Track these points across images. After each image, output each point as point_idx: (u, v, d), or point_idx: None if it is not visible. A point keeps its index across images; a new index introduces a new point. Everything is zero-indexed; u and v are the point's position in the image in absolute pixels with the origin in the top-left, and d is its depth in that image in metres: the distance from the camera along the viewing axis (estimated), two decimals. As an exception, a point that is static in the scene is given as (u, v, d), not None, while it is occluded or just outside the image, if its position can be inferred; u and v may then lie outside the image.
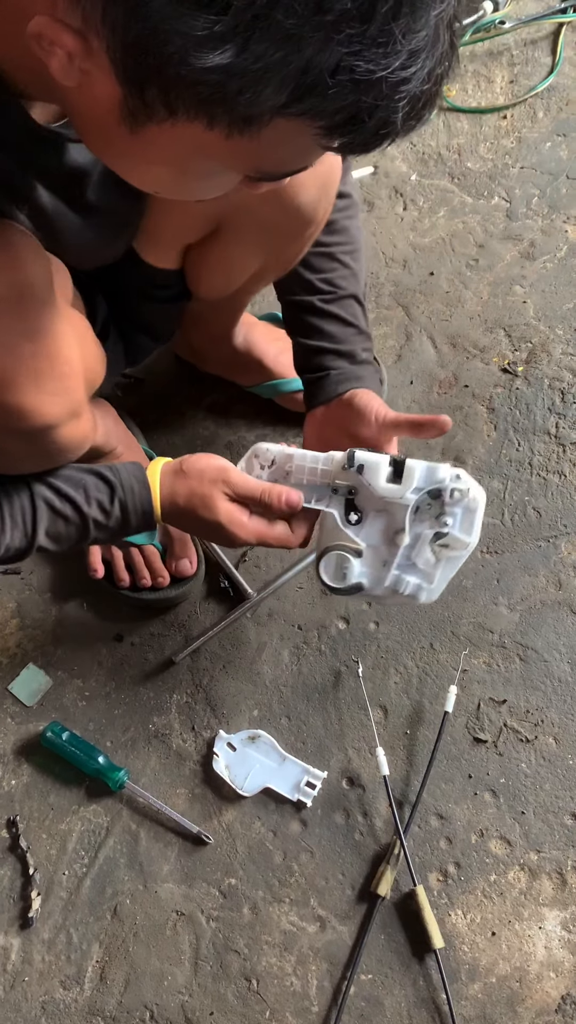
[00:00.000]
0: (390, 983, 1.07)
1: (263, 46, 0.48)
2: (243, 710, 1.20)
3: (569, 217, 1.48)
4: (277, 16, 0.46)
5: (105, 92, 0.54)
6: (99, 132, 0.61)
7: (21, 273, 0.73)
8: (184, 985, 1.09)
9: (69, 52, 0.52)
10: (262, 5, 0.46)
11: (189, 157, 0.59)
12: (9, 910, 1.13)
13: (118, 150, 0.62)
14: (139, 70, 0.52)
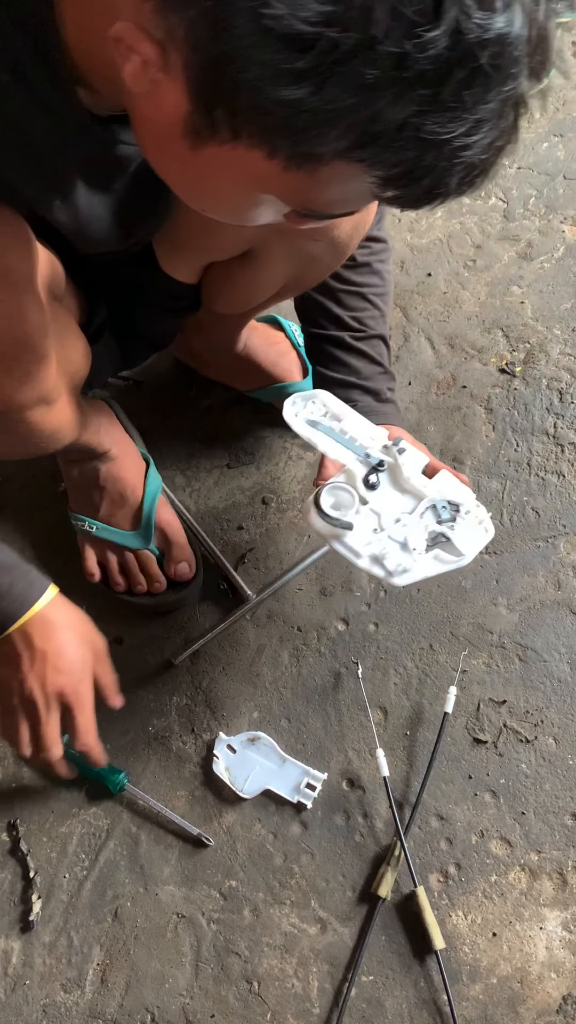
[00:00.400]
0: (391, 984, 1.07)
1: (338, 90, 0.49)
2: (243, 712, 1.20)
3: (566, 217, 1.48)
4: (357, 65, 0.47)
5: (172, 104, 0.55)
6: (158, 141, 0.61)
7: (2, 258, 0.73)
8: (185, 987, 1.09)
9: (145, 60, 0.53)
10: (345, 51, 0.47)
11: (243, 183, 0.60)
12: (10, 913, 1.13)
13: (174, 162, 0.63)
14: (212, 90, 0.53)
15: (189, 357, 1.38)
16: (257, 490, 1.34)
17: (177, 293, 1.07)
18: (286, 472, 1.34)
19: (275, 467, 1.35)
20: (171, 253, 1.01)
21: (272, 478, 1.34)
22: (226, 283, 1.08)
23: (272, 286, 1.09)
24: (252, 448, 1.36)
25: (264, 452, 1.36)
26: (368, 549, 0.92)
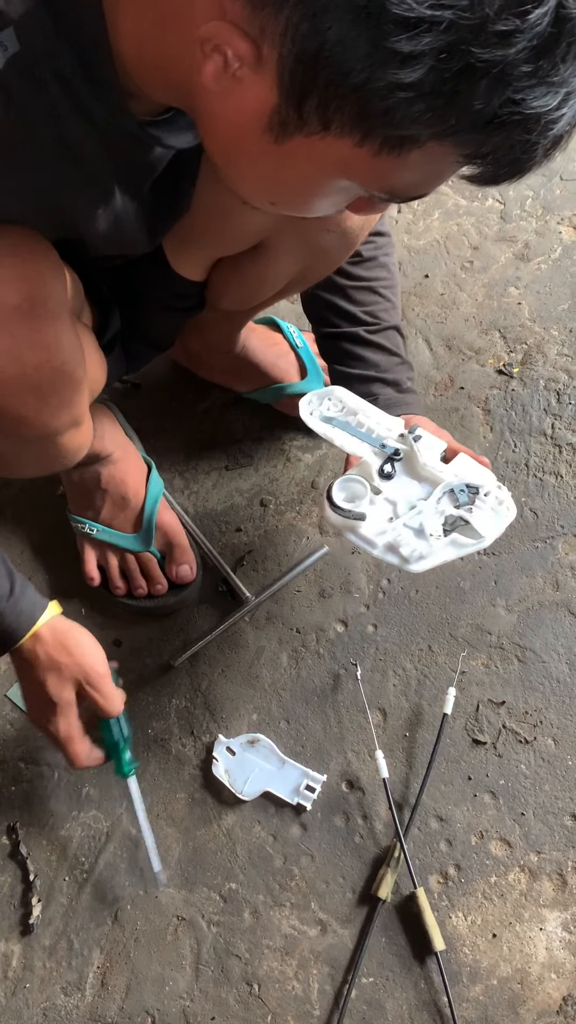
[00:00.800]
0: (391, 986, 1.07)
1: (446, 72, 0.50)
2: (242, 714, 1.20)
3: (563, 218, 1.49)
4: (468, 45, 0.48)
5: (257, 100, 0.56)
6: (233, 139, 0.62)
7: (37, 286, 0.73)
8: (185, 990, 1.09)
9: (236, 57, 0.54)
10: (458, 32, 0.48)
11: (326, 171, 0.61)
12: (10, 916, 1.13)
13: (249, 158, 0.63)
14: (307, 81, 0.53)
15: (187, 359, 1.38)
16: (255, 492, 1.34)
17: (184, 291, 1.08)
18: (284, 474, 1.34)
19: (273, 469, 1.35)
20: (181, 250, 1.01)
21: (270, 480, 1.34)
22: (234, 278, 1.08)
23: (280, 280, 1.09)
24: (250, 450, 1.36)
25: (262, 454, 1.36)
26: (383, 538, 0.91)
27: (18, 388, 0.76)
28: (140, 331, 1.14)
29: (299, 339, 1.37)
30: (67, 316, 0.79)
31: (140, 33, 0.59)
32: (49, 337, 0.76)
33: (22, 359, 0.75)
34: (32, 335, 0.75)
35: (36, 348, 0.75)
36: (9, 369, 0.74)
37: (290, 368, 1.35)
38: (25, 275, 0.72)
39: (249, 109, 0.57)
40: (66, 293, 0.79)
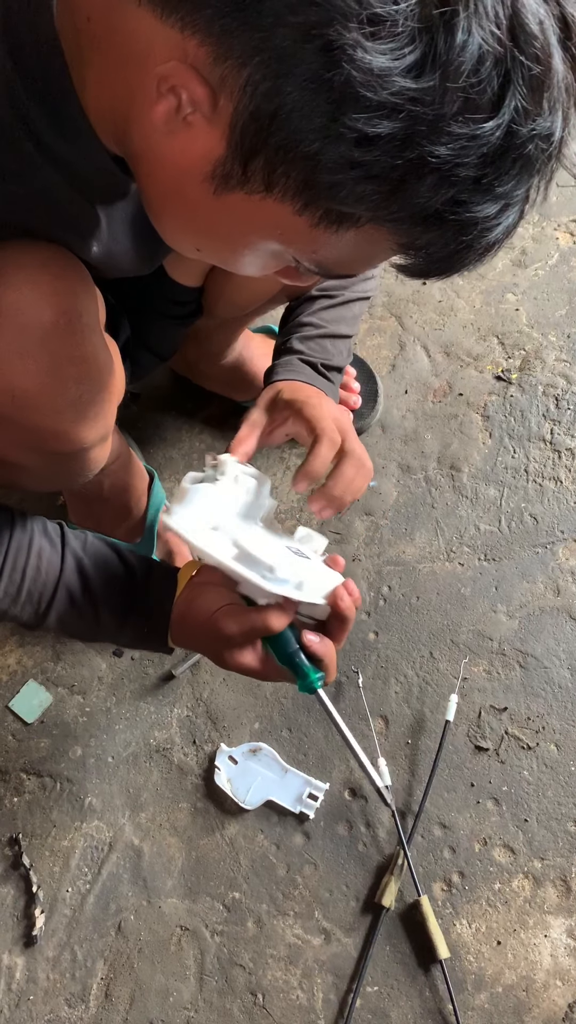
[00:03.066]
0: (396, 995, 1.07)
1: (396, 160, 0.50)
2: (244, 723, 1.20)
3: (559, 224, 1.49)
4: (421, 141, 0.49)
5: (204, 148, 0.55)
6: (172, 182, 0.61)
7: (72, 301, 0.74)
8: (190, 1001, 1.08)
9: (191, 101, 0.53)
10: (416, 127, 0.49)
11: (260, 232, 0.61)
12: (13, 928, 1.13)
13: (186, 205, 0.62)
14: (257, 140, 0.53)
15: (185, 368, 1.39)
16: (255, 500, 1.34)
17: (182, 298, 1.08)
18: (284, 482, 1.34)
19: (273, 477, 1.35)
20: (177, 258, 1.01)
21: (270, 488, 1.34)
22: (228, 284, 1.08)
23: (273, 285, 1.09)
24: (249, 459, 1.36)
25: (262, 463, 1.36)
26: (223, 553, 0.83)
27: (58, 404, 0.76)
28: (142, 340, 1.14)
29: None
30: (99, 328, 0.80)
31: (102, 81, 0.59)
32: (87, 351, 0.77)
33: (63, 375, 0.75)
34: (71, 350, 0.75)
35: (74, 363, 0.76)
36: (50, 385, 0.74)
37: (287, 377, 1.35)
38: (59, 291, 0.73)
39: (194, 155, 0.56)
40: (98, 308, 0.79)
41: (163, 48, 0.53)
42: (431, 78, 0.47)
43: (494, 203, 0.53)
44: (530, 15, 0.48)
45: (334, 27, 0.46)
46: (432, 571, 1.26)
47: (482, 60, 0.47)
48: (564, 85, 0.50)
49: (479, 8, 0.47)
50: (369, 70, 0.47)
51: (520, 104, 0.49)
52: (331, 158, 0.51)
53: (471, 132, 0.49)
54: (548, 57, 0.49)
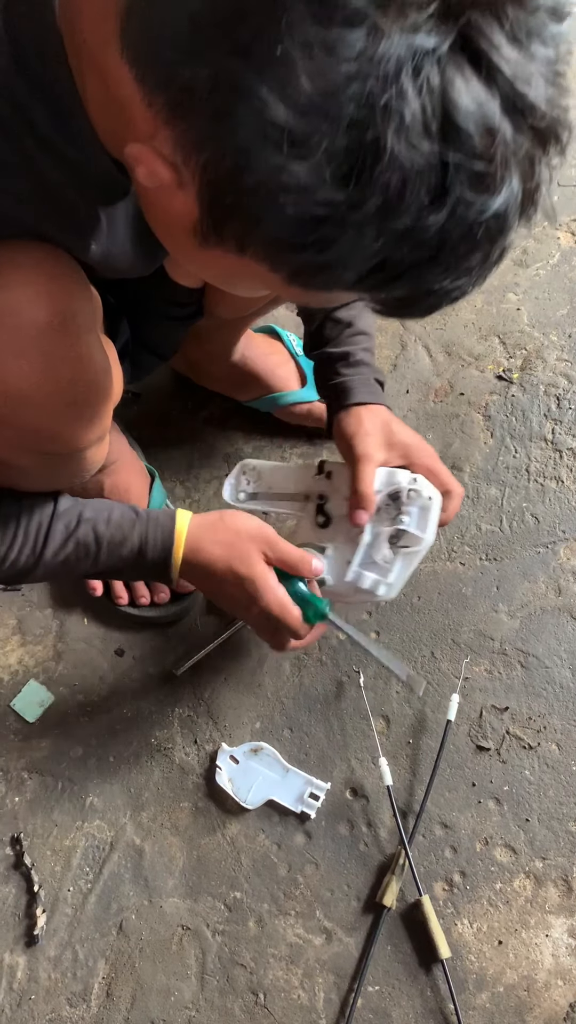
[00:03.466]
0: (397, 994, 1.07)
1: (347, 246, 0.52)
2: (245, 722, 1.20)
3: (561, 224, 1.49)
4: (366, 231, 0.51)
5: (182, 209, 0.57)
6: (162, 225, 0.64)
7: (68, 302, 0.74)
8: (191, 1000, 1.08)
9: (159, 177, 0.55)
10: (356, 221, 0.50)
11: (245, 279, 0.63)
12: (15, 928, 1.13)
13: (176, 246, 0.65)
14: (222, 216, 0.55)
15: (187, 368, 1.39)
16: (256, 500, 1.34)
17: (182, 299, 1.08)
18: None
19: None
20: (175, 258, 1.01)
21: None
22: None
23: None
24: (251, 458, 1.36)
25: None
26: (347, 585, 1.00)
27: (54, 404, 0.77)
28: (143, 341, 1.14)
29: (298, 347, 1.38)
30: (95, 329, 0.80)
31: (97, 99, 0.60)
32: (82, 351, 0.77)
33: (57, 375, 0.75)
34: (65, 351, 0.75)
35: (69, 364, 0.76)
36: (45, 386, 0.74)
37: (290, 376, 1.36)
38: (54, 292, 0.73)
39: (175, 212, 0.58)
40: (93, 308, 0.79)
41: (139, 110, 0.54)
42: (357, 190, 0.49)
43: (446, 275, 0.54)
44: (462, 114, 0.48)
45: (262, 147, 0.49)
46: (433, 571, 1.26)
47: (411, 170, 0.48)
48: (515, 156, 0.50)
49: (404, 123, 0.47)
50: (297, 186, 0.49)
51: (462, 195, 0.50)
52: (290, 243, 0.53)
53: (411, 226, 0.51)
54: (489, 146, 0.49)
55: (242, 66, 0.48)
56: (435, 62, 0.47)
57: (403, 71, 0.46)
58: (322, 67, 0.46)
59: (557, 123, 0.51)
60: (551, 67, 0.49)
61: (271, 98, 0.47)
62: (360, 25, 0.46)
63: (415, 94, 0.47)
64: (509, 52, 0.48)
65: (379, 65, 0.46)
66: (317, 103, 0.47)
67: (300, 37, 0.46)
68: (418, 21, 0.46)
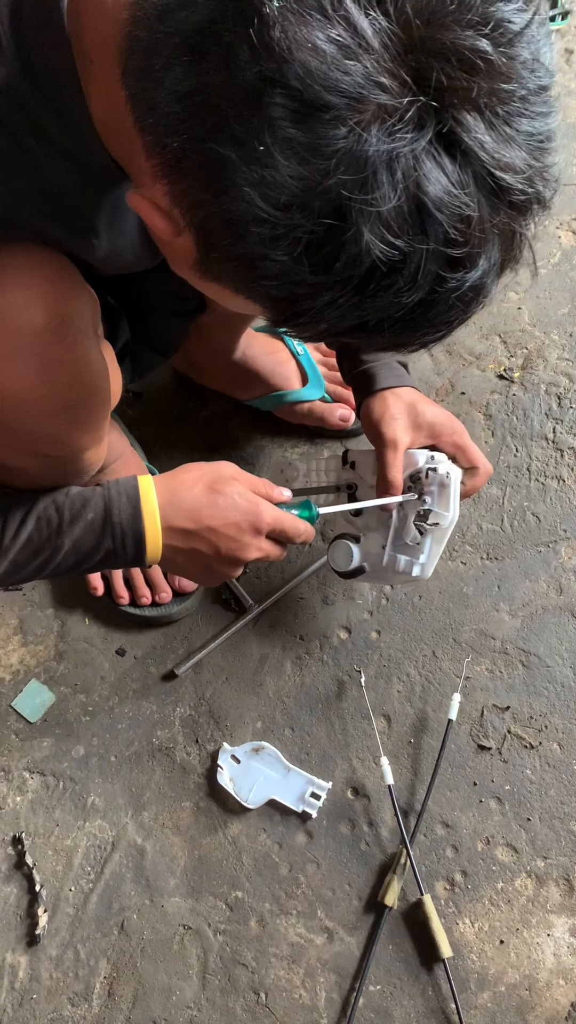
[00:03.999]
0: (399, 994, 1.07)
1: (332, 314, 0.55)
2: (246, 722, 1.20)
3: (562, 223, 1.49)
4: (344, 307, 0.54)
5: (183, 246, 0.59)
6: (170, 255, 0.66)
7: (64, 304, 0.74)
8: (192, 1000, 1.08)
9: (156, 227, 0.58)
10: (336, 301, 0.53)
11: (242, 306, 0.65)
12: (16, 927, 1.13)
13: (182, 272, 0.67)
14: (218, 266, 0.58)
15: (188, 367, 1.39)
16: (258, 499, 1.34)
17: (185, 293, 1.08)
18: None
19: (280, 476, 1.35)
20: None
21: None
22: None
23: None
24: (252, 458, 1.36)
25: (264, 461, 1.36)
26: (383, 569, 1.02)
27: (50, 407, 0.77)
28: (144, 338, 1.14)
29: (299, 346, 1.38)
30: (92, 332, 0.80)
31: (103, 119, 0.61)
32: (78, 354, 0.77)
33: (53, 378, 0.75)
34: (62, 353, 0.75)
35: (66, 366, 0.76)
36: (41, 388, 0.75)
37: (290, 375, 1.35)
38: (51, 294, 0.73)
39: (178, 250, 0.60)
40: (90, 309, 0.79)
41: (139, 152, 0.56)
42: (334, 276, 0.51)
43: (426, 332, 0.57)
44: (434, 204, 0.49)
45: (245, 228, 0.51)
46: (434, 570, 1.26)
47: (387, 261, 0.50)
48: (494, 231, 0.52)
49: (380, 218, 0.49)
50: (277, 272, 0.52)
51: (437, 274, 0.52)
52: (279, 300, 0.56)
53: (390, 303, 0.53)
54: (464, 232, 0.50)
55: (228, 153, 0.49)
56: (411, 156, 0.48)
57: (379, 170, 0.48)
58: (302, 165, 0.48)
59: (538, 194, 0.52)
60: (535, 137, 0.50)
61: (253, 192, 0.49)
62: (339, 126, 0.47)
63: (391, 190, 0.48)
64: (486, 138, 0.49)
65: (357, 165, 0.48)
66: (297, 198, 0.49)
67: (282, 134, 0.48)
68: (395, 125, 0.47)
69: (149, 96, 0.52)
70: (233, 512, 0.90)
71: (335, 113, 0.47)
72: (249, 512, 0.90)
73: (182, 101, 0.50)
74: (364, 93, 0.46)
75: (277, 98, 0.47)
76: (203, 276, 0.61)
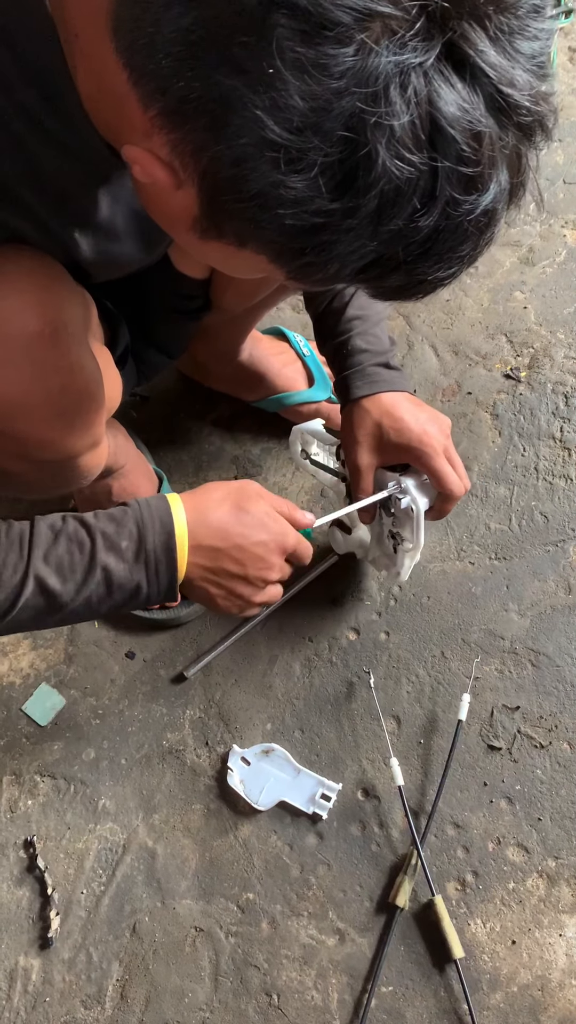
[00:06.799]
0: (411, 995, 1.07)
1: (342, 247, 0.54)
2: (256, 724, 1.20)
3: (567, 222, 1.49)
4: (361, 233, 0.53)
5: (181, 206, 0.58)
6: (162, 219, 0.65)
7: (57, 311, 0.74)
8: (205, 1002, 1.09)
9: (156, 178, 0.56)
10: (351, 226, 0.52)
11: (246, 268, 0.64)
12: (29, 931, 1.13)
13: (177, 237, 0.66)
14: (222, 214, 0.56)
15: (194, 370, 1.39)
16: (265, 501, 1.34)
17: (189, 292, 1.08)
18: (294, 482, 1.35)
19: (283, 478, 1.35)
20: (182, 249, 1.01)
21: (280, 489, 1.34)
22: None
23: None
24: (259, 459, 1.37)
25: (271, 463, 1.36)
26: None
27: (44, 413, 0.77)
28: (151, 339, 1.14)
29: (305, 347, 1.38)
30: (86, 338, 0.80)
31: (90, 93, 0.61)
32: (72, 360, 0.77)
33: (47, 384, 0.75)
34: (55, 360, 0.75)
35: (60, 372, 0.76)
36: (35, 394, 0.75)
37: (297, 376, 1.36)
38: (45, 301, 0.73)
39: (175, 209, 0.59)
40: (84, 315, 0.79)
41: (134, 110, 0.54)
42: (351, 200, 0.51)
43: (439, 266, 0.57)
44: (448, 120, 0.49)
45: (258, 161, 0.50)
46: (443, 570, 1.26)
47: (402, 179, 0.50)
48: (502, 153, 0.52)
49: (394, 135, 0.48)
50: (294, 199, 0.51)
51: (452, 196, 0.52)
52: (285, 248, 0.56)
53: (404, 228, 0.53)
54: (477, 149, 0.50)
55: (235, 83, 0.48)
56: (422, 74, 0.48)
57: (391, 86, 0.48)
58: (313, 85, 0.47)
59: (542, 115, 0.52)
60: (535, 60, 0.51)
61: (265, 116, 0.48)
62: (348, 43, 0.47)
63: (403, 107, 0.48)
64: (492, 55, 0.49)
65: (368, 82, 0.47)
66: (310, 120, 0.48)
67: (290, 56, 0.47)
68: (404, 38, 0.47)
69: (145, 44, 0.51)
70: (261, 531, 0.90)
71: (344, 30, 0.46)
72: (276, 532, 0.92)
73: (182, 39, 0.49)
74: (372, 6, 0.46)
75: (282, 20, 0.46)
76: (204, 236, 0.60)
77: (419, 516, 1.03)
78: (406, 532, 1.06)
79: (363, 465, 1.04)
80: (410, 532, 1.05)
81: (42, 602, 0.82)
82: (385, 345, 1.06)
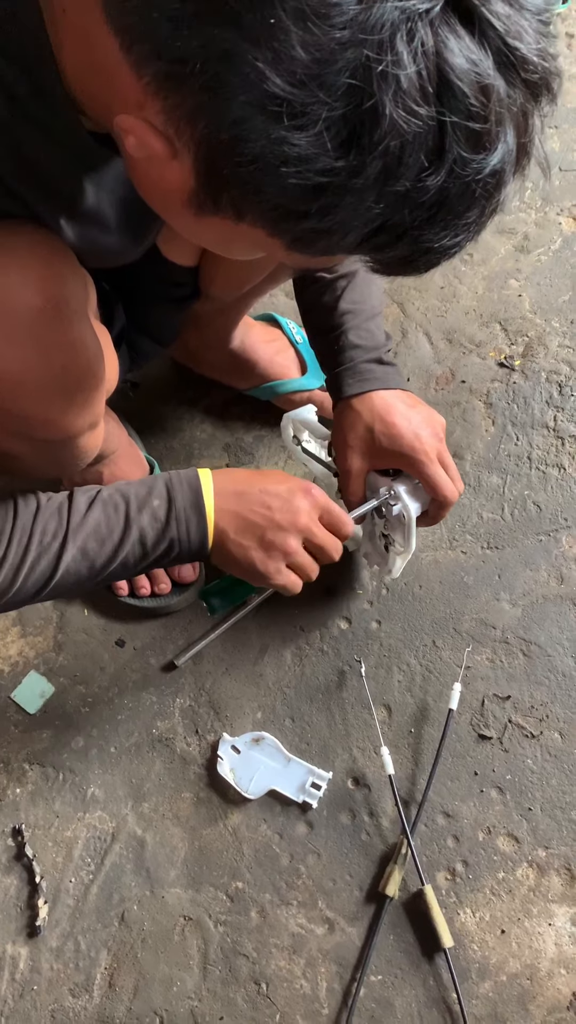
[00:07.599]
0: (400, 984, 1.07)
1: (346, 212, 0.52)
2: (246, 712, 1.20)
3: (562, 209, 1.48)
4: (366, 195, 0.51)
5: (176, 180, 0.57)
6: (156, 198, 0.63)
7: (60, 287, 0.73)
8: (193, 990, 1.08)
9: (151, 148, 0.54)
10: (356, 186, 0.50)
11: (242, 244, 0.63)
12: (16, 919, 1.13)
13: (171, 217, 0.64)
14: (219, 185, 0.55)
15: (186, 357, 1.38)
16: (257, 489, 1.33)
17: (178, 279, 1.07)
18: (286, 470, 1.34)
19: (275, 466, 1.35)
20: (170, 236, 1.00)
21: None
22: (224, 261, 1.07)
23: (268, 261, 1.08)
24: (251, 448, 1.36)
25: (263, 451, 1.36)
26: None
27: (46, 390, 0.76)
28: (141, 326, 1.13)
29: (299, 335, 1.37)
30: (88, 315, 0.79)
31: (78, 73, 0.59)
32: (74, 337, 0.76)
33: (49, 361, 0.74)
34: (58, 336, 0.74)
35: (62, 349, 0.75)
36: (37, 371, 0.74)
37: (290, 364, 1.35)
38: (47, 277, 0.72)
39: (170, 184, 0.57)
40: (86, 292, 0.78)
41: (126, 79, 0.53)
42: (357, 157, 0.49)
43: (445, 232, 0.55)
44: (456, 73, 0.48)
45: (259, 119, 0.48)
46: (435, 560, 1.25)
47: (409, 134, 0.48)
48: (510, 111, 0.51)
49: (400, 88, 0.47)
50: (298, 156, 0.49)
51: (459, 155, 0.50)
52: (288, 212, 0.53)
53: (411, 188, 0.51)
54: (485, 104, 0.49)
55: (235, 36, 0.47)
56: (428, 24, 0.46)
57: (397, 35, 0.46)
58: (316, 35, 0.46)
59: (548, 74, 0.51)
60: (540, 17, 0.50)
61: (267, 69, 0.47)
62: None
63: (410, 58, 0.47)
64: (500, 6, 0.48)
65: (373, 31, 0.46)
66: (313, 72, 0.47)
67: (292, 5, 0.45)
68: None
69: (138, 5, 0.50)
70: (284, 479, 0.95)
71: None
72: (298, 480, 0.95)
73: None
74: None
75: None
76: (200, 211, 0.59)
77: (411, 522, 1.03)
78: (398, 536, 1.06)
79: (354, 470, 1.03)
80: (402, 537, 1.06)
81: (84, 566, 0.85)
82: (379, 340, 1.05)
